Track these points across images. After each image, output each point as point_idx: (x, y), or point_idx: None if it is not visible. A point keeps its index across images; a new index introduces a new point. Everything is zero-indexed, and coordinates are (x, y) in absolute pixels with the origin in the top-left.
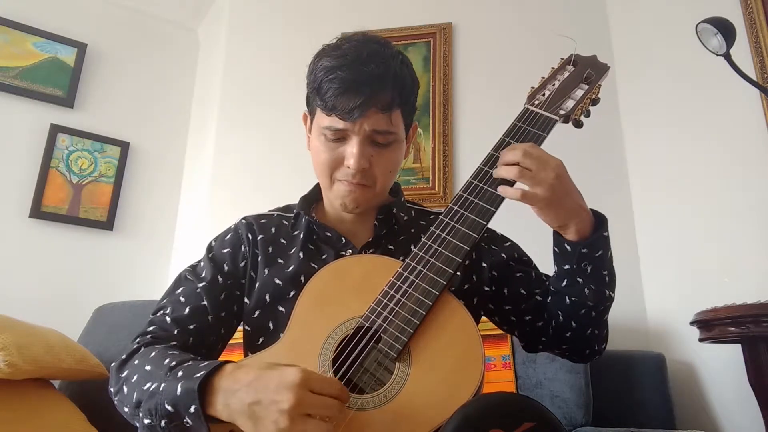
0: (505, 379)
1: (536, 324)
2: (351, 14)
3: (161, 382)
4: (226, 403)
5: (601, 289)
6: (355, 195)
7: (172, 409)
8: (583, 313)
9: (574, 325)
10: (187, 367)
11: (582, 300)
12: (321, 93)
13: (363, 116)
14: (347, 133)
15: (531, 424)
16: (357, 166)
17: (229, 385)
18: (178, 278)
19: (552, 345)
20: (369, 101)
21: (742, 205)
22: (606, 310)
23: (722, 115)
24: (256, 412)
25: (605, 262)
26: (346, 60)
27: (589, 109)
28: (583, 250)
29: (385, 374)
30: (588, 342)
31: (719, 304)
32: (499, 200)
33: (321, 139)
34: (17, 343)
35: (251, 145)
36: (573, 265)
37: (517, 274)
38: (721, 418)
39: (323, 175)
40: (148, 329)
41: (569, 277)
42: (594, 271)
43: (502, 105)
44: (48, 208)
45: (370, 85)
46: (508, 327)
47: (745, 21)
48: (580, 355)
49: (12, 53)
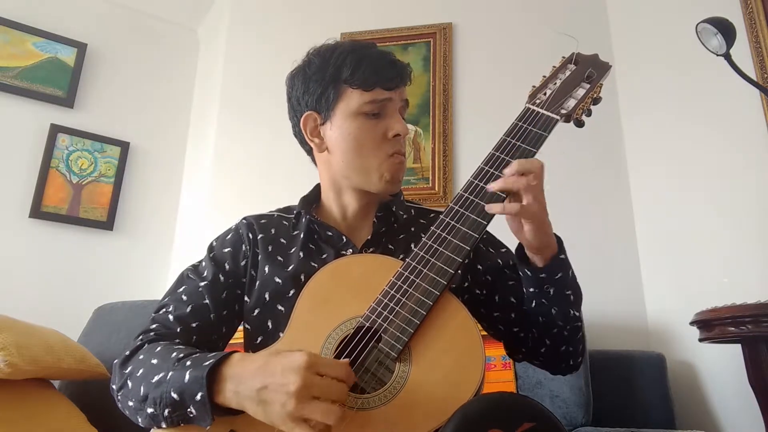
0: (505, 379)
1: (519, 335)
2: (351, 14)
3: (168, 371)
4: (235, 390)
5: (566, 309)
6: (404, 165)
7: (177, 397)
8: (555, 332)
9: (548, 343)
10: (195, 358)
11: (551, 320)
12: (357, 71)
13: (403, 85)
14: (386, 105)
15: (531, 424)
16: (406, 130)
17: (237, 372)
18: (180, 277)
19: (530, 356)
20: (404, 70)
21: (743, 204)
22: (576, 330)
23: (722, 115)
24: (265, 397)
25: (567, 282)
26: (360, 45)
27: (591, 108)
28: (542, 275)
29: (386, 374)
30: (562, 358)
31: (719, 304)
32: (500, 200)
33: (359, 120)
34: (17, 343)
35: (251, 144)
36: (536, 288)
37: (509, 282)
38: (721, 418)
39: (371, 153)
40: (151, 327)
41: (536, 298)
42: (556, 292)
43: (503, 105)
44: (48, 208)
45: (397, 60)
46: (494, 332)
47: (745, 21)
48: (556, 369)
49: (12, 53)
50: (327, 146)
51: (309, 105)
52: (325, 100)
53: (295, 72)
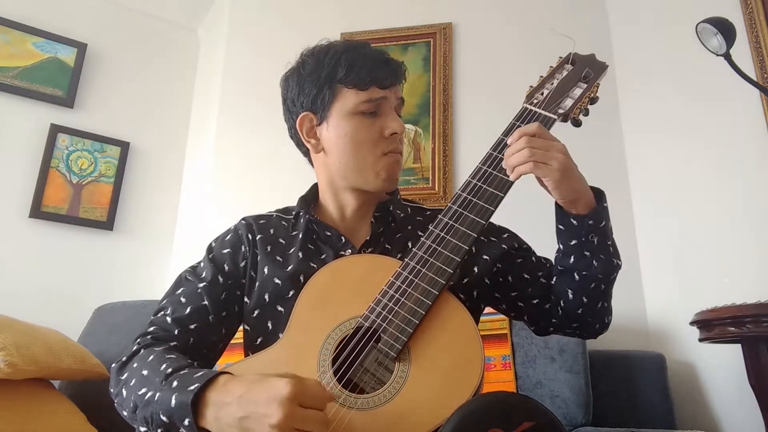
0: (505, 379)
1: (544, 307)
2: (351, 14)
3: (156, 390)
4: (216, 417)
5: (609, 258)
6: (400, 164)
7: (167, 420)
8: (593, 287)
9: (585, 301)
10: (182, 376)
11: (591, 273)
12: (351, 71)
13: (398, 83)
14: (382, 104)
15: (530, 424)
16: (402, 128)
17: (220, 398)
18: (179, 279)
19: (563, 325)
20: (398, 68)
21: (742, 204)
22: (614, 281)
23: (722, 115)
24: (246, 425)
25: (609, 232)
26: (354, 45)
27: (588, 107)
28: (590, 222)
29: (385, 374)
30: (599, 316)
31: (719, 304)
32: (498, 199)
33: (355, 119)
34: (17, 343)
35: (251, 144)
36: (581, 239)
37: (517, 260)
38: (721, 418)
39: (368, 152)
40: (149, 330)
41: (576, 251)
42: (600, 242)
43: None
44: (48, 208)
45: (391, 59)
46: (516, 313)
47: (745, 21)
48: (591, 331)
49: (12, 53)
50: (323, 147)
51: (304, 106)
52: (320, 100)
53: (289, 73)
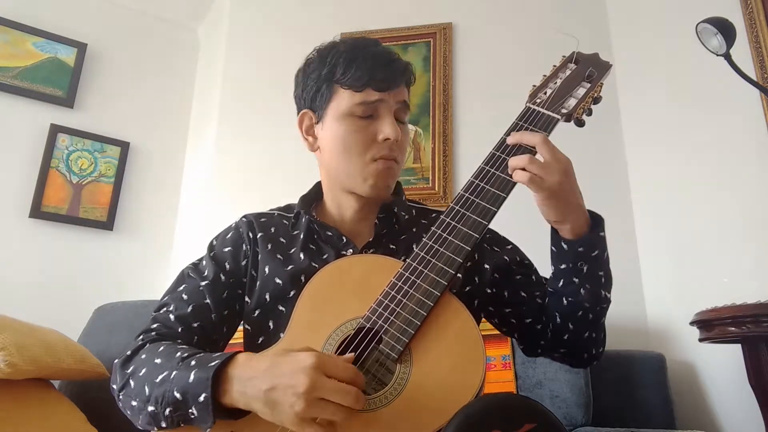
0: (505, 379)
1: (535, 327)
2: (351, 14)
3: (172, 371)
4: (242, 391)
5: (597, 290)
6: (392, 171)
7: (180, 397)
8: (580, 315)
9: (571, 327)
10: (200, 358)
11: (578, 300)
12: (348, 71)
13: (397, 86)
14: (378, 107)
15: (532, 425)
16: (396, 134)
17: (244, 372)
18: (181, 275)
19: (550, 349)
20: (401, 72)
21: (742, 204)
22: (602, 313)
23: (722, 115)
24: (273, 398)
25: (602, 262)
26: (359, 43)
27: (591, 107)
28: (580, 248)
29: (387, 375)
30: (585, 345)
31: (719, 304)
32: (501, 199)
33: (348, 121)
34: (17, 343)
35: (251, 144)
36: (569, 264)
37: (517, 277)
38: (721, 418)
39: (357, 156)
40: (152, 326)
41: (566, 276)
42: (590, 270)
43: (503, 104)
44: (48, 208)
45: (395, 60)
46: (507, 329)
47: (745, 21)
48: (578, 360)
49: (12, 53)
50: (319, 146)
51: (306, 103)
52: (319, 99)
53: (299, 69)
